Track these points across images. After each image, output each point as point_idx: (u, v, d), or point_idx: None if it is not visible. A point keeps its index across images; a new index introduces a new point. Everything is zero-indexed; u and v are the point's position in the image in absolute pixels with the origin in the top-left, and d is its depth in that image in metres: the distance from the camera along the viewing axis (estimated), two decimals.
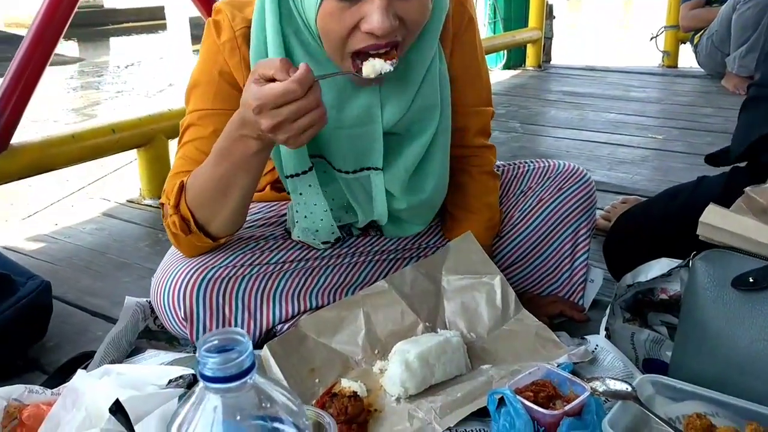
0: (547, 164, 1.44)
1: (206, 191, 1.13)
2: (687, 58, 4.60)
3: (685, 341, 1.12)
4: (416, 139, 1.21)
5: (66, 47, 8.29)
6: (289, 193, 1.24)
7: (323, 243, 1.29)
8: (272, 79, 0.97)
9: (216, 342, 0.55)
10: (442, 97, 1.21)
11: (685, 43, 4.61)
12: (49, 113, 4.72)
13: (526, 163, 1.46)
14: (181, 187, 1.15)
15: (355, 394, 1.09)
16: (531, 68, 4.64)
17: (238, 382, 0.54)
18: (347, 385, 1.13)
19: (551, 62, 4.85)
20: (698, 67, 4.34)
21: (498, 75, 4.50)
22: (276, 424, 0.56)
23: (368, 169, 1.21)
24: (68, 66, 7.15)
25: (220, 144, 1.09)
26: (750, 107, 1.41)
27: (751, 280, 1.04)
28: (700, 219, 1.13)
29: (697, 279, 1.10)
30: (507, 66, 4.65)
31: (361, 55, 1.05)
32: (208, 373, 0.53)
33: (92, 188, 2.42)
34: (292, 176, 1.20)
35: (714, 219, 1.13)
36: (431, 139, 1.21)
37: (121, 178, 2.47)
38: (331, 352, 1.21)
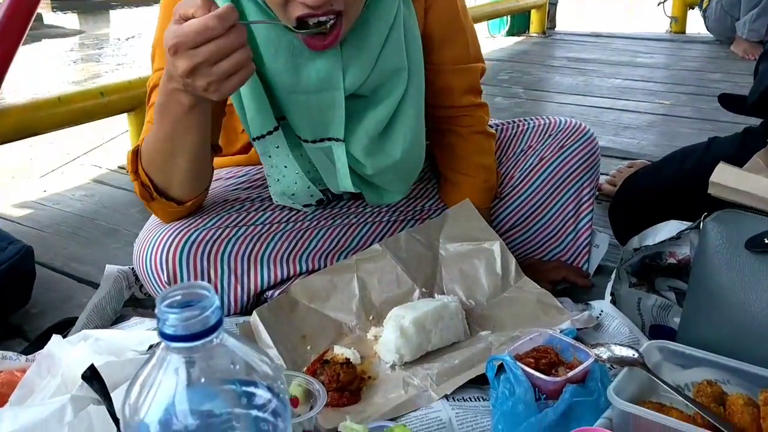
0: (548, 121, 1.37)
1: (155, 155, 1.06)
2: (695, 24, 4.50)
3: (695, 306, 1.07)
4: (381, 103, 1.14)
5: (66, 19, 8.18)
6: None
7: (305, 206, 1.23)
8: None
9: (179, 297, 0.49)
10: (412, 59, 1.15)
11: (693, 8, 4.49)
12: (48, 86, 4.65)
13: (525, 120, 1.39)
14: (136, 152, 1.09)
15: (347, 361, 1.04)
16: (535, 34, 4.54)
17: (202, 341, 0.48)
18: (340, 352, 1.09)
19: (556, 28, 4.74)
20: (707, 32, 4.23)
21: (501, 41, 4.40)
22: (248, 388, 0.50)
23: (329, 139, 1.14)
24: (68, 38, 7.03)
25: (158, 101, 1.01)
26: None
27: (766, 241, 0.99)
28: (711, 178, 1.07)
29: (709, 241, 1.04)
30: (510, 32, 4.55)
31: (305, 22, 0.99)
32: (169, 331, 0.48)
33: (87, 157, 2.36)
34: (259, 138, 1.13)
35: (725, 178, 1.06)
36: (398, 102, 1.15)
37: (114, 144, 2.41)
38: (323, 319, 1.16)
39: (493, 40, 4.38)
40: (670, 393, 0.92)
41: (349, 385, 1.01)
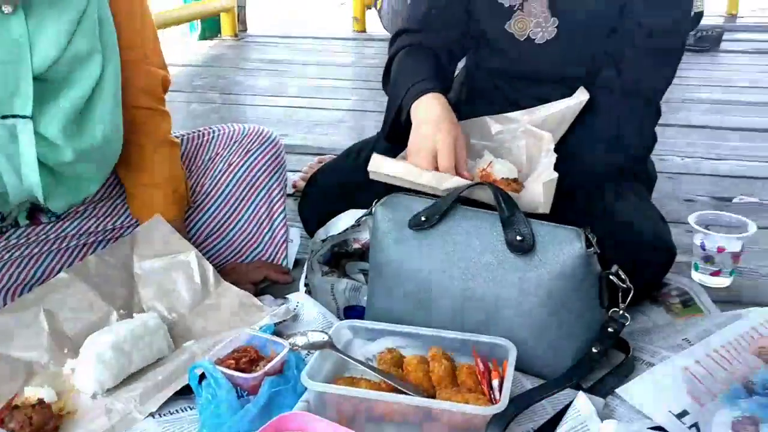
0: (232, 128, 1.42)
1: None
2: (376, 23, 4.88)
3: (376, 283, 1.19)
4: (75, 86, 1.11)
5: None
6: None
7: None
8: None
9: None
10: (106, 44, 1.13)
11: (370, 8, 4.87)
12: None
13: (211, 129, 1.42)
14: None
15: (41, 402, 0.98)
16: (227, 37, 4.56)
17: None
18: (32, 393, 1.01)
19: (248, 31, 4.82)
20: (384, 30, 4.62)
21: (194, 47, 4.35)
22: None
23: (14, 116, 1.07)
24: None
25: None
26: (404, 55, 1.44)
27: (423, 218, 1.13)
28: (368, 167, 1.21)
29: (379, 225, 1.17)
30: (203, 37, 4.51)
31: None
32: None
33: None
34: None
35: (378, 165, 1.21)
36: (95, 85, 1.12)
37: None
38: (9, 362, 1.07)
39: (186, 46, 4.32)
40: (359, 366, 1.02)
41: (44, 426, 0.96)
